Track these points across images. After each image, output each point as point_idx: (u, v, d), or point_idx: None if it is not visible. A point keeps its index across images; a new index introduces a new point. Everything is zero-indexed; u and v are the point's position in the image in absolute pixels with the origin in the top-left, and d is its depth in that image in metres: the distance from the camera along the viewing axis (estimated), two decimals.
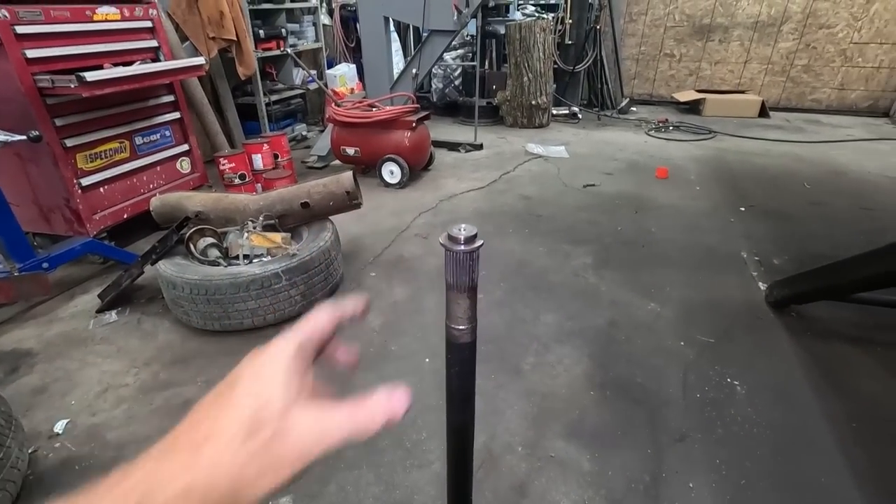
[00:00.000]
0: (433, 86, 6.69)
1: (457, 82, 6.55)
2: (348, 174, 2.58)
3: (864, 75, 6.34)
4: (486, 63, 6.34)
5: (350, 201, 2.58)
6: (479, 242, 0.56)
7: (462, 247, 0.56)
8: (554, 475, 1.58)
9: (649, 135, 5.67)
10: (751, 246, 3.03)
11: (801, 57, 6.55)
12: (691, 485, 1.54)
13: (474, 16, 4.48)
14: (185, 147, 3.47)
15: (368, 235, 3.26)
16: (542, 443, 1.69)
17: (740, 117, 6.35)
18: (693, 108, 6.75)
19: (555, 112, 6.42)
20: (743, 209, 3.57)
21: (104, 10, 2.80)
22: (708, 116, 6.46)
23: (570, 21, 6.32)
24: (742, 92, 6.79)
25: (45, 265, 2.43)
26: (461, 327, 0.62)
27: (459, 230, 0.56)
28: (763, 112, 6.40)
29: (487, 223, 3.42)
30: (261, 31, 4.77)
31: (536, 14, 6.18)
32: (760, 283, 2.61)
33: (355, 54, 6.39)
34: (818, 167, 4.48)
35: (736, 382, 1.95)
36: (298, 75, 5.63)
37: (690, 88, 7.09)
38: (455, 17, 4.19)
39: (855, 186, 4.02)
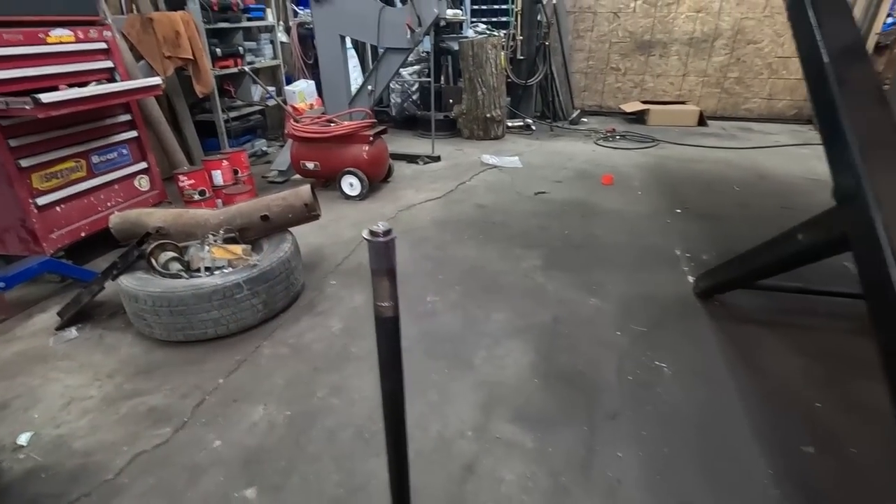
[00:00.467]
0: (392, 100, 6.87)
1: (414, 97, 6.75)
2: (306, 187, 2.70)
3: (789, 86, 6.91)
4: (443, 78, 6.58)
5: (309, 213, 2.70)
6: (393, 235, 0.72)
7: (381, 238, 0.71)
8: (500, 454, 1.74)
9: (598, 144, 6.01)
10: (684, 244, 3.31)
11: (732, 70, 7.09)
12: (620, 454, 1.73)
13: (427, 34, 4.69)
14: (144, 165, 3.51)
15: (329, 246, 3.37)
16: (490, 427, 1.86)
17: (681, 126, 6.80)
18: (639, 118, 7.17)
19: (510, 124, 6.71)
20: (679, 211, 3.88)
21: (58, 33, 2.85)
22: (652, 126, 6.88)
23: (521, 38, 6.64)
24: (682, 103, 7.27)
25: (1, 285, 2.44)
26: (385, 304, 0.78)
27: (378, 227, 0.71)
28: (701, 121, 6.87)
29: (444, 231, 3.59)
30: (218, 50, 4.84)
31: (487, 32, 6.47)
32: (690, 277, 2.87)
33: (314, 71, 6.50)
34: (748, 171, 4.88)
35: (664, 365, 2.17)
36: (257, 92, 5.70)
37: (636, 100, 7.53)
38: (408, 36, 4.39)
39: (779, 188, 4.41)
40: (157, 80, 3.25)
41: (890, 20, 6.08)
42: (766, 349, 2.27)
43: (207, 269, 2.41)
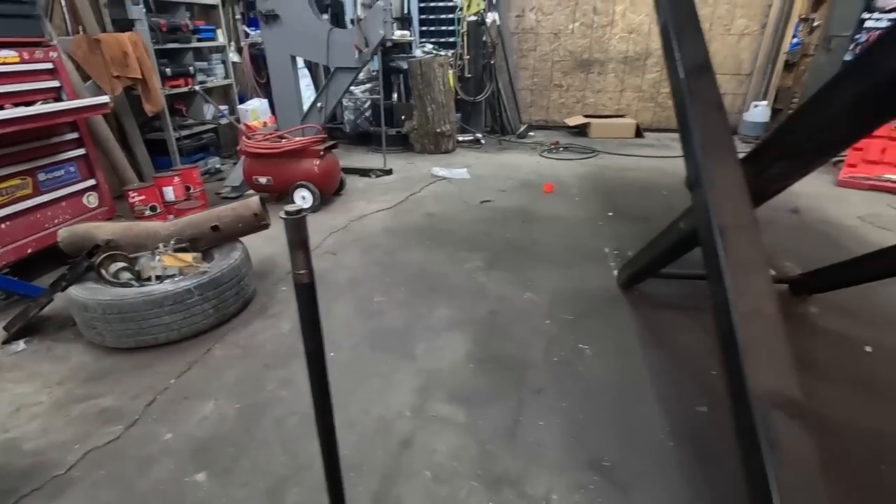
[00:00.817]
0: (346, 117, 7.06)
1: (367, 114, 6.96)
2: (255, 198, 2.84)
3: None
4: (396, 95, 6.84)
5: (258, 222, 2.84)
6: (303, 214, 0.91)
7: (294, 216, 0.90)
8: (434, 430, 1.92)
9: (542, 156, 6.37)
10: (613, 244, 3.62)
11: (664, 86, 7.66)
12: (542, 423, 1.94)
13: (375, 54, 4.93)
14: (92, 182, 3.55)
15: (281, 255, 3.49)
16: (426, 407, 2.04)
17: (620, 138, 7.28)
18: (581, 131, 7.62)
19: (461, 138, 7.01)
20: (611, 214, 4.21)
21: (3, 54, 2.91)
22: (593, 138, 7.33)
23: (468, 57, 6.99)
24: (621, 116, 7.79)
25: None
26: (301, 271, 0.96)
27: (290, 208, 0.90)
28: (638, 133, 7.38)
29: (394, 238, 3.78)
30: (167, 70, 4.91)
31: (434, 52, 6.78)
32: (615, 272, 3.16)
33: (266, 89, 6.63)
34: (676, 178, 5.31)
35: (586, 347, 2.42)
36: (209, 111, 5.77)
37: (579, 114, 8.00)
38: (356, 56, 4.61)
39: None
40: (104, 99, 3.32)
41: (795, 41, 6.77)
42: (676, 330, 2.56)
43: (158, 277, 2.50)
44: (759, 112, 6.86)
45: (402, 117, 6.68)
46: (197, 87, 5.10)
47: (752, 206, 1.27)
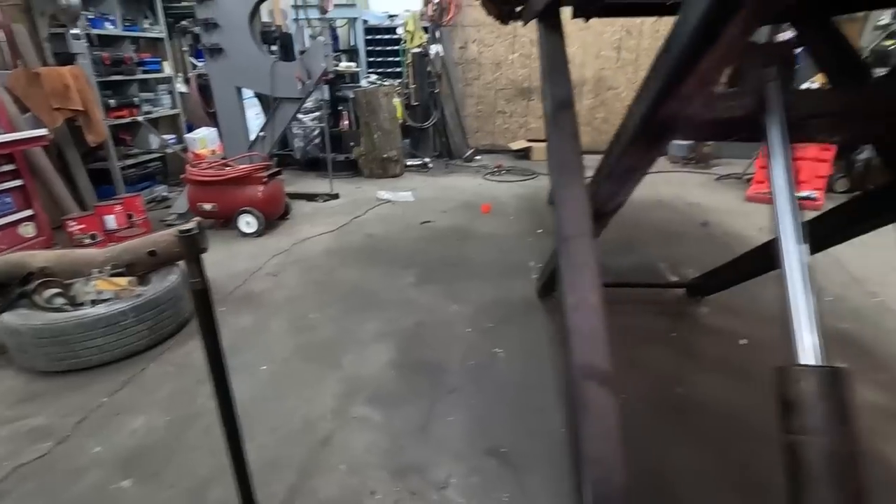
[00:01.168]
0: (296, 144, 7.24)
1: (316, 141, 7.18)
2: (192, 223, 2.98)
3: None
4: (347, 123, 7.10)
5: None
6: (197, 230, 1.11)
7: (187, 234, 1.10)
8: (353, 428, 2.10)
9: (486, 178, 6.73)
10: (538, 258, 3.92)
11: (599, 111, 8.24)
12: (451, 419, 2.16)
13: (317, 85, 5.18)
14: (29, 212, 3.60)
15: (223, 278, 3.62)
16: (347, 410, 2.22)
17: None
18: (525, 154, 8.06)
19: (409, 163, 7.30)
20: (540, 231, 4.54)
21: None
22: (535, 161, 7.77)
23: (414, 86, 7.35)
24: None
25: None
26: (195, 280, 1.16)
27: (186, 227, 1.10)
28: None
29: (334, 258, 3.97)
30: (111, 101, 5.00)
31: (379, 82, 7.10)
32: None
33: (215, 118, 6.75)
34: None
35: (500, 350, 2.66)
36: (155, 140, 5.85)
37: (522, 138, 8.47)
38: (299, 87, 4.85)
39: (626, 208, 5.25)
40: (42, 132, 3.42)
41: None
42: None
43: (93, 301, 2.60)
44: None
45: (351, 143, 6.92)
46: (140, 118, 5.19)
47: (590, 219, 1.56)
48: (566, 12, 2.23)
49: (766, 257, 2.32)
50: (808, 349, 0.95)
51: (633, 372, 2.46)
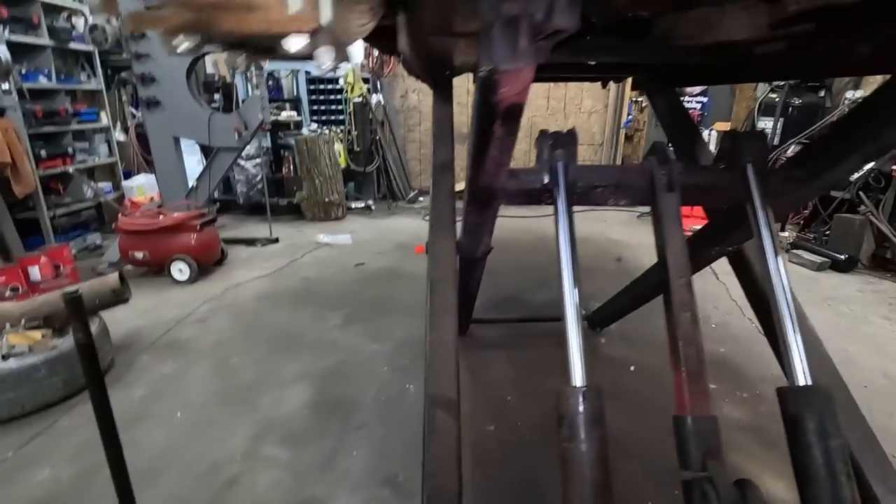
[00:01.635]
0: (238, 189, 7.36)
1: (259, 186, 7.32)
2: (114, 274, 3.07)
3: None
4: (291, 168, 7.30)
5: (117, 297, 3.05)
6: (79, 294, 1.28)
7: (71, 297, 1.27)
8: (260, 468, 2.22)
9: (425, 219, 7.02)
10: None
11: (532, 154, 8.79)
12: (355, 453, 2.31)
13: (255, 135, 5.39)
14: None
15: (149, 327, 3.66)
16: (257, 450, 2.33)
17: None
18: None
19: (353, 205, 7.53)
20: None
21: None
22: None
23: (356, 133, 7.68)
24: None
25: None
26: (79, 335, 1.31)
27: (70, 288, 1.27)
28: None
29: (266, 302, 4.08)
30: (42, 152, 5.02)
31: (320, 130, 7.39)
32: None
33: (154, 165, 6.81)
34: (530, 234, 6.13)
35: (411, 386, 2.85)
36: (89, 189, 5.85)
37: (463, 180, 8.88)
38: (237, 138, 5.04)
39: (550, 246, 5.63)
40: None
41: (629, 118, 8.21)
42: (490, 364, 3.08)
43: (3, 356, 2.63)
44: None
45: (294, 188, 7.11)
46: (70, 169, 5.22)
47: (455, 264, 1.82)
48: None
49: (655, 283, 2.64)
50: (578, 375, 1.22)
51: (528, 402, 2.70)
